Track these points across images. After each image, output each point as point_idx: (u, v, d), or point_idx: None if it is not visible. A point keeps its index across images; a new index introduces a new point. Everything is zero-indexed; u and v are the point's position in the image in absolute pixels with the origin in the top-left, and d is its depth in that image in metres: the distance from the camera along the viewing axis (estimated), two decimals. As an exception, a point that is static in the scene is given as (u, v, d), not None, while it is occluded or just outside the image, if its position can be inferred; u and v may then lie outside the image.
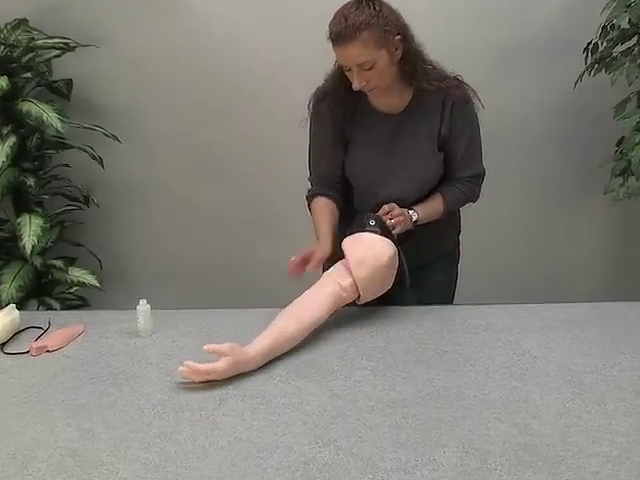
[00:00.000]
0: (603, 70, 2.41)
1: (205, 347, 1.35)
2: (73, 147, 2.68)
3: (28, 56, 2.55)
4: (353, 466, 1.06)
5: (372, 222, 1.58)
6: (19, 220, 2.53)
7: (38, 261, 2.57)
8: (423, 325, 1.62)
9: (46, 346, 1.52)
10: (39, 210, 2.62)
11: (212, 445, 1.12)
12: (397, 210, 1.64)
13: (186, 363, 1.33)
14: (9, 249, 2.64)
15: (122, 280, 3.02)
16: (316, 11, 2.63)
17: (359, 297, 1.58)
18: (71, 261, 2.79)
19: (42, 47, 2.58)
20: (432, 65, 1.70)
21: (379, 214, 1.63)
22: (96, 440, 1.15)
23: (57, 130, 2.43)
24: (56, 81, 2.77)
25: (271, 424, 1.19)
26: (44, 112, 2.43)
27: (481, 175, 1.81)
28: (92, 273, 2.68)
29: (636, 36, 2.35)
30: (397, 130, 1.73)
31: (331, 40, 1.58)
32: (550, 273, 2.98)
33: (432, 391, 1.29)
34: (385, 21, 1.56)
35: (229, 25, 2.75)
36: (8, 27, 2.55)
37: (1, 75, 2.41)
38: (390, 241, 1.57)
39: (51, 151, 2.74)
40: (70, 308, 2.70)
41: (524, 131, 2.80)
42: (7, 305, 1.63)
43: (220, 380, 1.34)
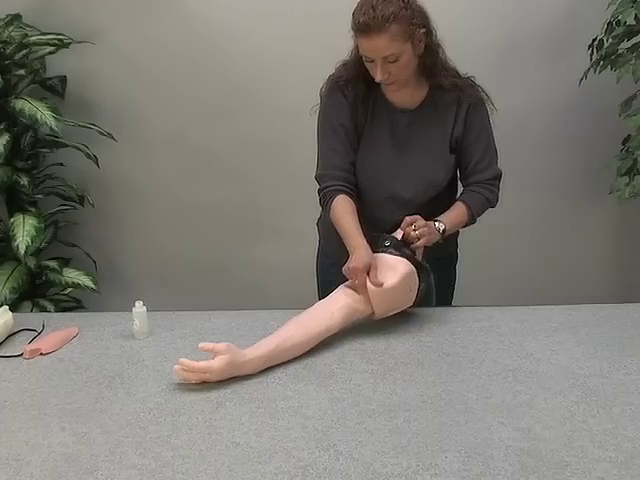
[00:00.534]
0: (608, 67, 2.41)
1: (200, 345, 1.34)
2: (67, 146, 2.68)
3: (21, 53, 2.55)
4: (353, 471, 1.06)
5: (387, 243, 1.57)
6: (12, 220, 2.53)
7: (32, 262, 2.57)
8: (425, 327, 1.62)
9: (40, 349, 1.52)
10: (33, 210, 2.62)
11: (209, 450, 1.12)
12: (421, 221, 1.61)
13: (181, 361, 1.32)
14: (2, 250, 2.64)
15: (118, 281, 3.02)
16: (315, 7, 2.66)
17: (374, 313, 1.57)
18: (65, 262, 2.79)
19: (36, 43, 2.58)
20: (447, 63, 1.71)
21: (402, 227, 1.60)
22: (91, 445, 1.15)
23: (51, 128, 2.43)
24: (50, 78, 2.77)
25: (269, 428, 1.19)
26: (38, 110, 2.44)
27: (499, 177, 1.80)
28: (87, 274, 2.68)
29: (642, 32, 2.36)
30: (410, 126, 1.74)
31: (356, 30, 1.56)
32: (555, 274, 2.98)
33: (434, 395, 1.29)
34: (413, 13, 1.56)
35: (227, 22, 2.75)
36: (1, 23, 2.55)
37: (-6, 72, 2.42)
38: (406, 260, 1.55)
39: (45, 150, 2.75)
40: (64, 310, 2.70)
41: (527, 129, 2.80)
42: (0, 307, 1.63)
43: (216, 381, 1.34)
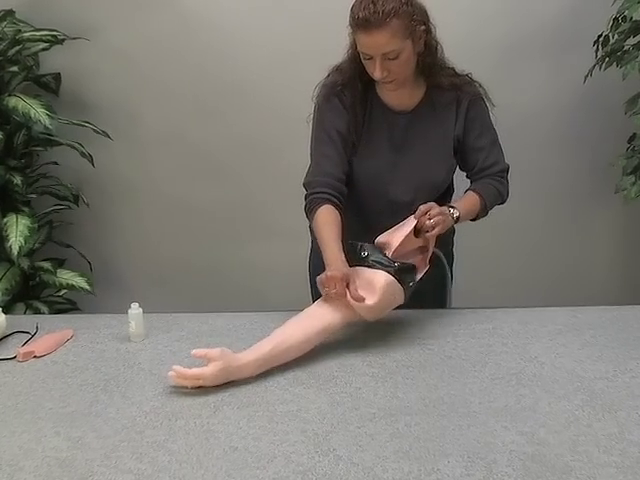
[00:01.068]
0: (614, 64, 2.41)
1: (193, 352, 1.34)
2: (62, 144, 2.68)
3: (15, 49, 2.56)
4: (353, 476, 1.06)
5: (364, 253, 1.53)
6: (5, 220, 2.53)
7: (25, 263, 2.57)
8: (426, 329, 1.62)
9: (33, 352, 1.52)
10: (26, 210, 2.62)
11: (207, 455, 1.12)
12: (436, 209, 1.57)
13: (174, 368, 1.33)
14: (-5, 250, 2.65)
15: (113, 283, 3.02)
16: (313, 6, 2.66)
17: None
18: (60, 263, 2.79)
19: (29, 40, 2.58)
20: (445, 61, 1.71)
21: (416, 215, 1.56)
22: (86, 450, 1.15)
23: (45, 126, 2.44)
24: (44, 75, 2.77)
25: (268, 433, 1.19)
26: (31, 107, 2.44)
27: (507, 170, 1.81)
28: (82, 275, 2.69)
29: (648, 28, 2.36)
30: (408, 128, 1.73)
31: (355, 26, 1.56)
32: (559, 275, 2.98)
33: (436, 398, 1.29)
34: (414, 9, 1.56)
35: (224, 20, 2.75)
36: (-6, 19, 2.55)
37: (-14, 69, 2.43)
38: (384, 272, 1.50)
39: (39, 148, 2.75)
40: (59, 312, 2.70)
41: (532, 128, 2.80)
42: (-7, 309, 1.63)
43: (213, 386, 1.34)
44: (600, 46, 2.49)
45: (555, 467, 1.07)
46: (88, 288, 2.65)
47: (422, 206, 1.58)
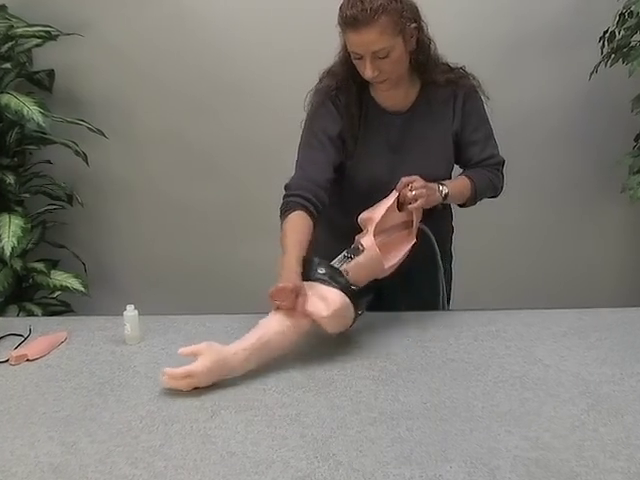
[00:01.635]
0: (620, 60, 2.42)
1: (180, 350, 1.35)
2: (56, 142, 2.68)
3: (7, 45, 2.56)
4: (354, 482, 1.06)
5: (322, 270, 1.50)
6: (-2, 220, 2.53)
7: (18, 264, 2.57)
8: (428, 331, 1.62)
9: (26, 355, 1.52)
10: (19, 210, 2.62)
11: (204, 460, 1.12)
12: (419, 182, 1.57)
13: (164, 370, 1.33)
14: (-13, 251, 2.64)
15: (108, 284, 3.02)
16: (311, 5, 2.66)
17: None
18: (53, 264, 2.79)
19: (22, 36, 2.58)
20: (439, 57, 1.72)
21: (397, 187, 1.57)
22: (80, 455, 1.15)
23: (38, 124, 2.44)
24: (37, 72, 2.77)
25: (266, 437, 1.19)
26: (24, 105, 2.44)
27: (503, 163, 1.81)
28: (76, 277, 2.69)
29: (656, 24, 2.36)
30: (405, 130, 1.74)
31: (344, 25, 1.57)
32: (564, 276, 2.98)
33: (438, 402, 1.29)
34: (403, 6, 1.56)
35: (221, 16, 2.76)
36: (-14, 15, 2.56)
37: (-22, 66, 2.43)
38: (339, 291, 1.47)
39: (32, 147, 2.75)
40: (52, 314, 2.70)
41: (536, 126, 2.81)
42: (-15, 311, 1.63)
43: (208, 386, 1.34)
44: (606, 42, 2.49)
45: (560, 473, 1.07)
46: (82, 289, 2.65)
47: (404, 178, 1.58)
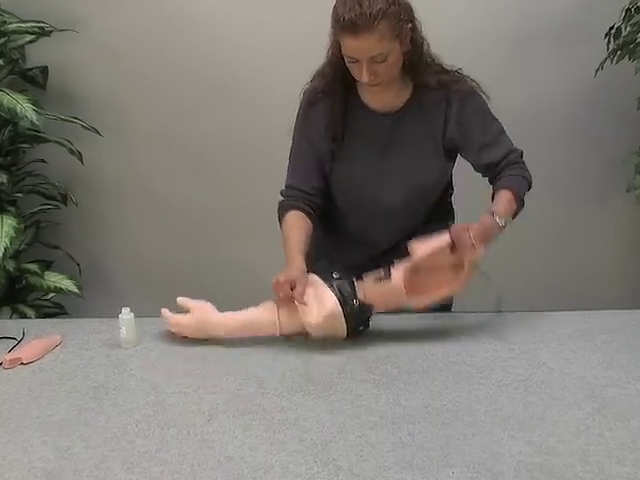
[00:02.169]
0: (626, 57, 2.42)
1: (178, 299, 1.61)
2: (49, 141, 2.68)
3: None
4: (354, 488, 1.06)
5: (335, 275, 1.54)
6: (-10, 220, 2.53)
7: (11, 265, 2.58)
8: (430, 334, 1.62)
9: (20, 358, 1.52)
10: (12, 209, 2.62)
11: (201, 465, 1.12)
12: (478, 229, 1.54)
13: (163, 310, 1.60)
14: (-21, 252, 2.64)
15: (103, 286, 3.02)
16: (303, 4, 2.66)
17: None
18: (47, 265, 2.79)
19: (15, 32, 2.58)
20: (432, 58, 1.69)
21: (452, 233, 1.54)
22: (74, 460, 1.15)
23: (32, 122, 2.44)
24: (30, 69, 2.77)
25: (265, 442, 1.19)
26: (17, 103, 2.44)
27: (522, 154, 1.76)
28: (70, 278, 2.69)
29: (662, 20, 2.37)
30: (394, 131, 1.72)
31: (340, 29, 1.52)
32: (568, 277, 2.98)
33: (439, 406, 1.29)
34: (400, 9, 1.54)
35: (215, 14, 2.76)
36: (-22, 10, 2.56)
37: (-30, 62, 2.43)
38: (336, 301, 1.50)
39: (25, 145, 2.75)
40: (46, 316, 2.70)
41: (540, 124, 2.81)
42: (-23, 313, 1.64)
43: (205, 389, 1.34)
44: (612, 38, 2.49)
45: (565, 478, 1.07)
46: (77, 291, 2.65)
47: (460, 225, 1.55)
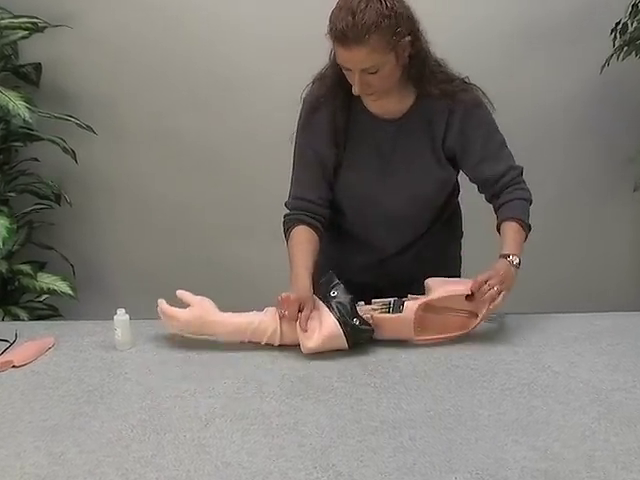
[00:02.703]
0: (633, 53, 2.42)
1: (177, 291, 1.60)
2: (43, 139, 2.68)
3: (-8, 37, 2.56)
4: (354, 494, 1.06)
5: (334, 293, 1.55)
6: (-18, 221, 2.53)
7: (3, 266, 2.57)
8: (432, 337, 1.62)
9: (12, 361, 1.52)
10: (5, 209, 2.62)
11: (198, 471, 1.12)
12: (496, 278, 1.56)
13: (160, 300, 1.59)
14: (-29, 253, 2.64)
15: (97, 287, 3.02)
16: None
17: None
18: (40, 266, 2.79)
19: (7, 27, 2.58)
20: (438, 63, 1.67)
21: (472, 287, 1.57)
22: (68, 466, 1.15)
23: (25, 120, 2.44)
24: (23, 65, 2.77)
25: (263, 447, 1.19)
26: (10, 100, 2.44)
27: (522, 172, 1.76)
28: (64, 279, 2.69)
29: (670, 15, 2.37)
30: (396, 138, 1.71)
31: (333, 37, 1.52)
32: (574, 279, 2.98)
33: (442, 410, 1.30)
34: (397, 21, 1.51)
35: (215, 6, 2.76)
36: (-30, 5, 2.56)
37: (-38, 59, 2.43)
38: (336, 322, 1.51)
39: (18, 144, 2.75)
40: (39, 318, 2.70)
41: (544, 121, 2.81)
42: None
43: (202, 393, 1.34)
44: (618, 34, 2.50)
45: (570, 484, 1.07)
46: (70, 293, 2.65)
47: (480, 278, 1.57)
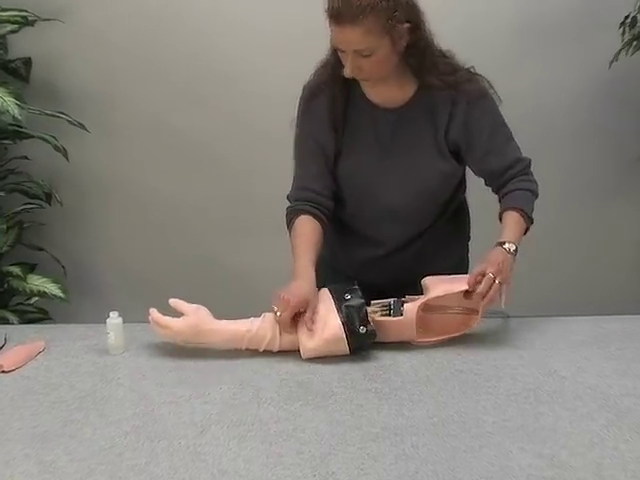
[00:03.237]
0: (642, 48, 2.42)
1: (170, 300, 1.57)
2: (33, 137, 2.68)
3: (-20, 31, 2.56)
4: (355, 503, 1.06)
5: (348, 296, 1.55)
6: (-30, 221, 2.53)
7: (-8, 268, 2.58)
8: (435, 341, 1.62)
9: (1, 366, 1.52)
10: (-7, 209, 2.62)
11: (193, 479, 1.12)
12: (493, 267, 1.55)
13: (151, 310, 1.56)
14: (-41, 254, 2.65)
15: (89, 289, 3.02)
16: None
17: None
18: (31, 268, 2.79)
19: (-4, 21, 2.58)
20: (442, 54, 1.68)
21: (469, 281, 1.55)
22: (59, 474, 1.15)
23: (14, 117, 2.44)
24: (13, 60, 2.77)
25: (261, 454, 1.19)
26: (-1, 96, 2.44)
27: (529, 164, 1.76)
28: (55, 281, 2.68)
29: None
30: (397, 127, 1.72)
31: (329, 16, 1.54)
32: (582, 281, 2.98)
33: (445, 417, 1.29)
34: (395, 6, 1.52)
35: (204, 1, 2.76)
36: (-43, -2, 2.56)
37: (-51, 53, 2.43)
38: (341, 327, 1.50)
39: (7, 141, 2.75)
40: (29, 322, 2.70)
41: (550, 118, 2.81)
42: (-44, 318, 1.63)
43: (197, 399, 1.34)
44: (627, 28, 2.50)
45: (577, 493, 1.07)
46: (62, 295, 2.65)
47: (476, 271, 1.57)
